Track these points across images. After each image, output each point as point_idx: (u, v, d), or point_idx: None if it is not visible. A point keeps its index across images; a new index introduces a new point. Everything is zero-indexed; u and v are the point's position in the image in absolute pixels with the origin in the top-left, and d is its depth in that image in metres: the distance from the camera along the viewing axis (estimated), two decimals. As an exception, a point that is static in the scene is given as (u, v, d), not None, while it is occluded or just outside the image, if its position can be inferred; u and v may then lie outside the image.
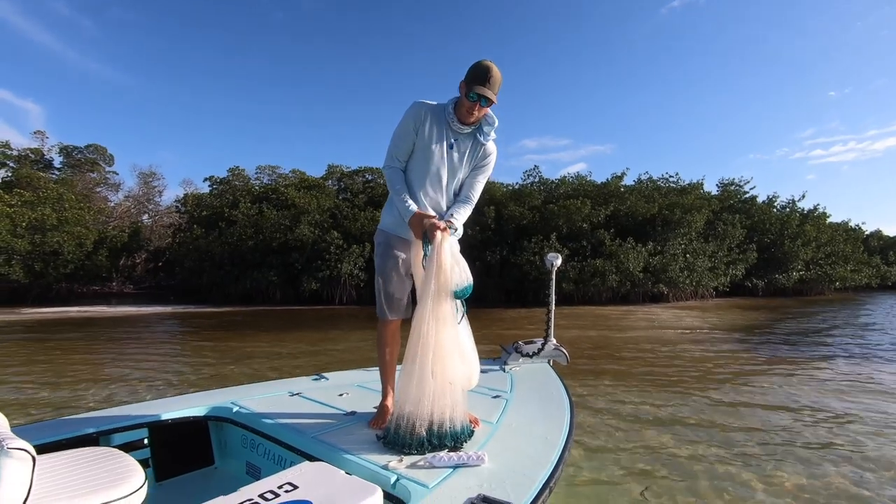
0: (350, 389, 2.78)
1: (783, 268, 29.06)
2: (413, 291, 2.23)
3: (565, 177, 28.18)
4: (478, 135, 2.16)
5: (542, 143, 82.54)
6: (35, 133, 40.34)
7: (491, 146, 2.22)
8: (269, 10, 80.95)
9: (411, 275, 2.22)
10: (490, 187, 24.32)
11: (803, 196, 34.04)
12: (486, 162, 2.23)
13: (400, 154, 2.16)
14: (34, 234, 22.51)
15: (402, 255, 2.21)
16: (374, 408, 2.33)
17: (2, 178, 31.54)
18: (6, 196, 22.86)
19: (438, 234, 1.93)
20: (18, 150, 36.05)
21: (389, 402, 2.25)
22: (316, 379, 3.06)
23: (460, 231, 2.19)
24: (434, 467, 1.69)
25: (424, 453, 1.81)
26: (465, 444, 1.89)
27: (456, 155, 2.14)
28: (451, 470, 1.67)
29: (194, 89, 77.80)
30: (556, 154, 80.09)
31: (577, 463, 3.44)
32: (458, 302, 1.99)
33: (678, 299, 24.49)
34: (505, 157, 72.60)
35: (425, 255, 2.02)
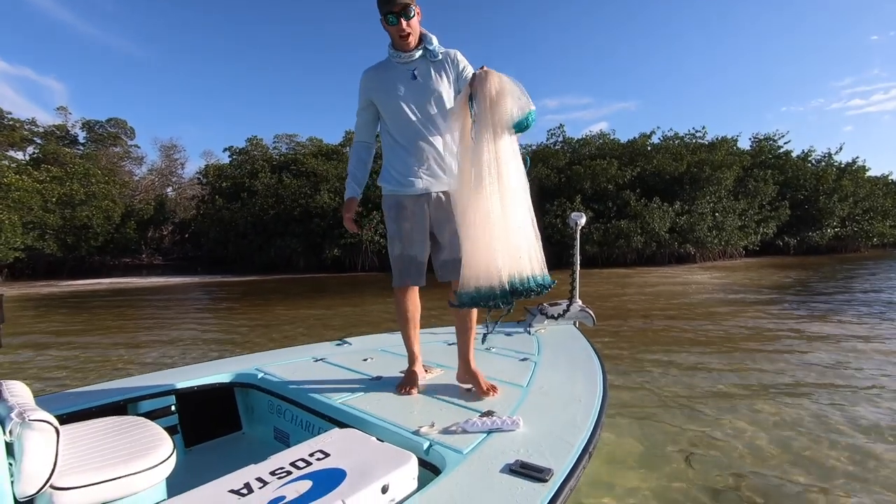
0: (374, 354, 2.72)
1: (817, 225, 27.95)
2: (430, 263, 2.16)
3: (588, 136, 27.36)
4: (427, 56, 2.03)
5: (563, 103, 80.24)
6: (58, 109, 40.97)
7: (450, 52, 2.07)
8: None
9: (430, 235, 2.11)
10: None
11: (840, 148, 32.44)
12: (458, 59, 2.07)
13: (361, 128, 2.17)
14: (64, 208, 23.15)
15: (415, 214, 2.08)
16: (401, 372, 2.25)
17: (29, 155, 32.31)
18: (35, 172, 23.42)
19: (479, 73, 1.73)
20: (44, 127, 36.81)
21: (418, 367, 2.18)
22: (339, 344, 3.02)
23: None
24: (467, 432, 1.60)
25: (510, 303, 1.72)
26: (546, 290, 1.77)
27: (421, 80, 2.01)
28: (486, 435, 1.59)
29: (210, 60, 77.34)
30: (578, 113, 77.70)
31: (613, 427, 3.35)
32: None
33: (705, 259, 23.91)
34: None
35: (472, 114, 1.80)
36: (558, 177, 23.33)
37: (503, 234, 1.70)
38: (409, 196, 2.08)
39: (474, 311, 2.11)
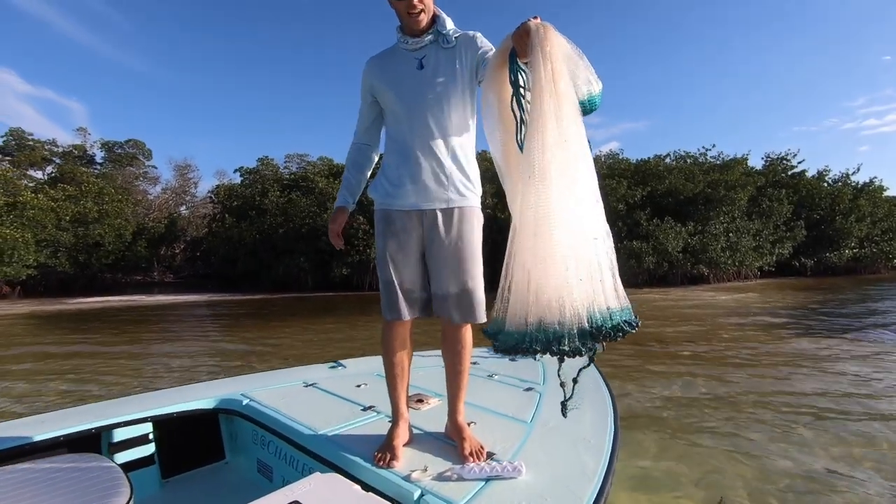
0: (369, 380, 2.54)
1: (834, 245, 27.37)
2: (428, 284, 1.75)
3: (598, 156, 27.29)
4: (440, 42, 1.68)
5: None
6: (78, 130, 42.10)
7: (469, 33, 1.71)
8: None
9: (422, 257, 1.73)
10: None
11: (857, 169, 32.00)
12: (479, 42, 1.69)
13: (360, 126, 1.87)
14: (77, 226, 23.48)
15: (405, 232, 1.71)
16: (388, 419, 1.95)
17: (48, 174, 33.02)
18: (51, 191, 23.86)
19: (534, 25, 1.28)
20: (63, 147, 37.70)
21: (402, 428, 1.71)
22: (332, 367, 2.85)
23: None
24: (463, 479, 1.41)
25: (592, 349, 1.21)
26: (634, 329, 1.28)
27: (429, 71, 1.67)
28: (484, 483, 1.39)
29: (226, 80, 79.27)
30: (588, 132, 77.96)
31: (626, 468, 3.10)
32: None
33: (719, 280, 23.43)
34: None
35: (519, 86, 1.38)
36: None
37: (579, 248, 1.24)
38: (398, 211, 1.73)
39: (469, 349, 1.76)
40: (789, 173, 29.39)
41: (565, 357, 1.22)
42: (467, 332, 1.75)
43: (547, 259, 1.22)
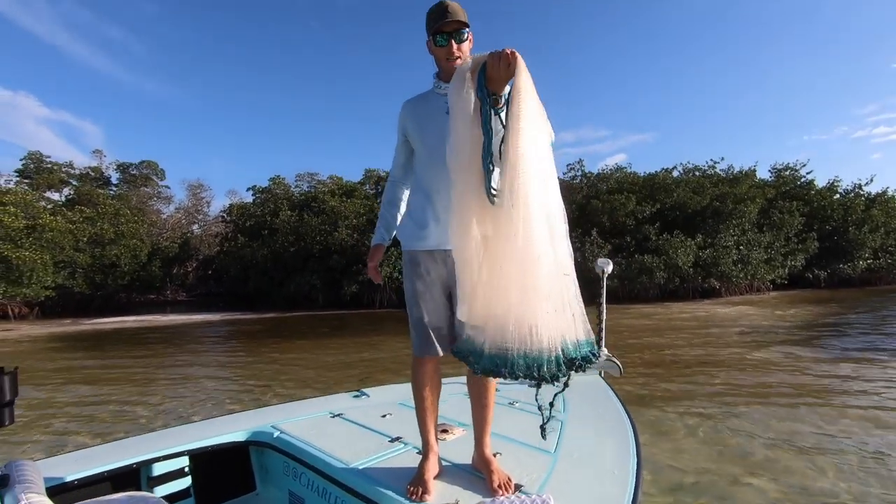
0: (393, 409, 2.62)
1: (848, 257, 27.02)
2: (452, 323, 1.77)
3: (606, 170, 27.39)
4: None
5: (580, 136, 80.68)
6: (94, 152, 42.87)
7: None
8: (306, 20, 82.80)
9: (449, 296, 1.79)
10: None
11: (871, 179, 31.70)
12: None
13: (395, 165, 1.94)
14: (94, 247, 23.91)
15: (430, 273, 1.79)
16: (417, 452, 2.04)
17: (65, 196, 33.72)
18: (69, 213, 24.36)
19: (510, 52, 1.30)
20: (80, 169, 38.52)
21: (432, 463, 1.77)
22: (356, 396, 2.93)
23: None
24: (492, 512, 1.49)
25: (561, 371, 1.28)
26: (594, 361, 1.34)
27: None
28: (512, 516, 1.46)
29: (238, 102, 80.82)
30: (595, 146, 77.85)
31: (650, 500, 3.13)
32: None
33: (732, 294, 23.21)
34: None
35: (488, 105, 1.36)
36: (574, 212, 23.25)
37: (555, 282, 1.28)
38: (423, 252, 1.80)
39: (494, 383, 1.85)
40: (799, 183, 29.21)
41: (542, 383, 1.31)
42: None
43: (530, 291, 1.27)
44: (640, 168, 36.16)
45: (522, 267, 1.27)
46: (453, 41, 1.64)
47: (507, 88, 1.36)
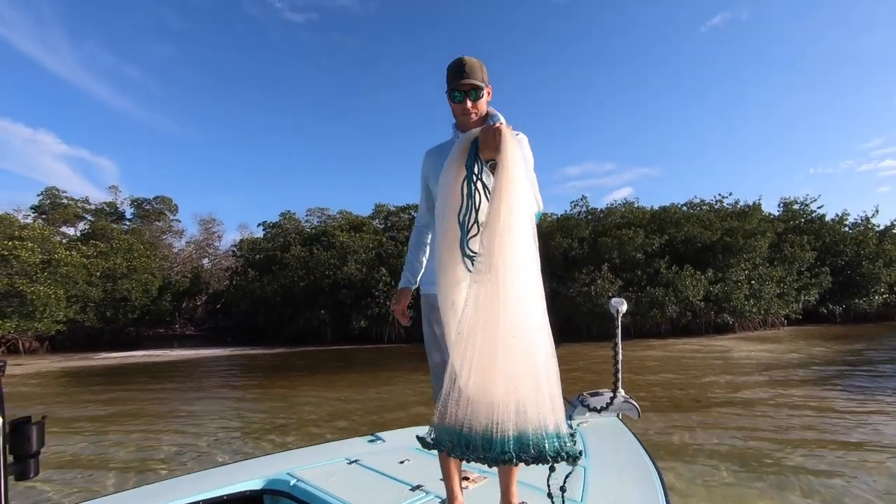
0: (410, 454, 2.59)
1: (863, 291, 26.58)
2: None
3: (613, 205, 27.50)
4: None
5: (585, 169, 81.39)
6: (110, 188, 44.13)
7: (516, 135, 1.75)
8: (315, 57, 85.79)
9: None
10: (550, 223, 23.87)
11: (876, 211, 31.53)
12: (524, 150, 1.75)
13: (421, 210, 1.98)
14: (106, 282, 24.16)
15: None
16: (440, 480, 2.10)
17: (80, 231, 34.41)
18: (83, 248, 24.78)
19: (502, 128, 1.41)
20: (95, 205, 39.43)
21: None
22: (372, 441, 2.90)
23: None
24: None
25: (491, 457, 1.24)
26: (562, 460, 1.27)
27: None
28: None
29: (250, 139, 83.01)
30: (601, 180, 78.35)
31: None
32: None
33: (745, 329, 22.81)
34: (547, 185, 71.65)
35: (473, 175, 1.46)
36: (582, 247, 23.27)
37: (542, 365, 1.26)
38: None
39: None
40: (808, 218, 29.10)
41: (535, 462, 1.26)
42: None
43: (520, 376, 1.26)
44: (646, 202, 36.35)
45: (490, 335, 1.27)
46: (468, 98, 1.71)
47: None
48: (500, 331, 1.25)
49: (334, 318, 23.55)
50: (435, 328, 1.83)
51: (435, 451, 2.22)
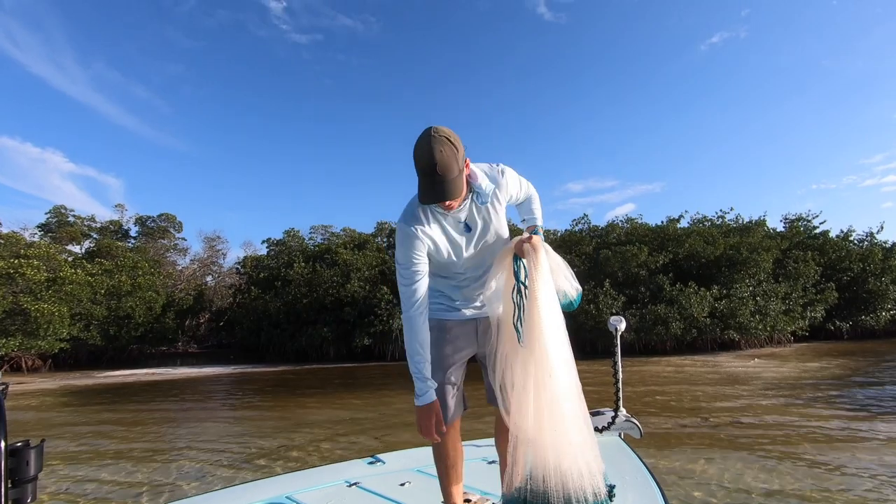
0: (411, 477, 2.57)
1: (870, 308, 26.34)
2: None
3: (615, 222, 27.55)
4: (477, 200, 1.73)
5: (588, 186, 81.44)
6: (116, 206, 44.39)
7: (500, 182, 1.78)
8: (320, 77, 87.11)
9: (472, 358, 1.93)
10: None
11: (881, 227, 31.42)
12: (510, 188, 1.82)
13: (413, 292, 1.69)
14: (110, 299, 24.20)
15: (459, 338, 1.87)
16: (442, 503, 2.09)
17: (86, 249, 34.64)
18: (88, 266, 24.90)
19: (529, 247, 1.71)
20: (101, 223, 39.77)
21: None
22: (371, 462, 2.87)
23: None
24: None
25: None
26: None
27: (477, 231, 1.78)
28: None
29: (253, 154, 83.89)
30: (603, 196, 78.32)
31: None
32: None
33: (751, 346, 22.59)
34: (549, 201, 71.83)
35: (519, 282, 1.75)
36: (584, 263, 23.23)
37: (555, 423, 1.59)
38: (454, 320, 1.87)
39: None
40: (812, 233, 29.05)
41: None
42: None
43: (563, 444, 1.59)
44: (649, 218, 36.44)
45: (539, 411, 1.62)
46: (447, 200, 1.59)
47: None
48: (544, 403, 1.61)
49: (337, 335, 23.48)
50: (446, 349, 1.84)
51: (436, 474, 2.25)
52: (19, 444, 1.04)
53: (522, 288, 1.74)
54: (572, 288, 1.83)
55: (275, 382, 15.67)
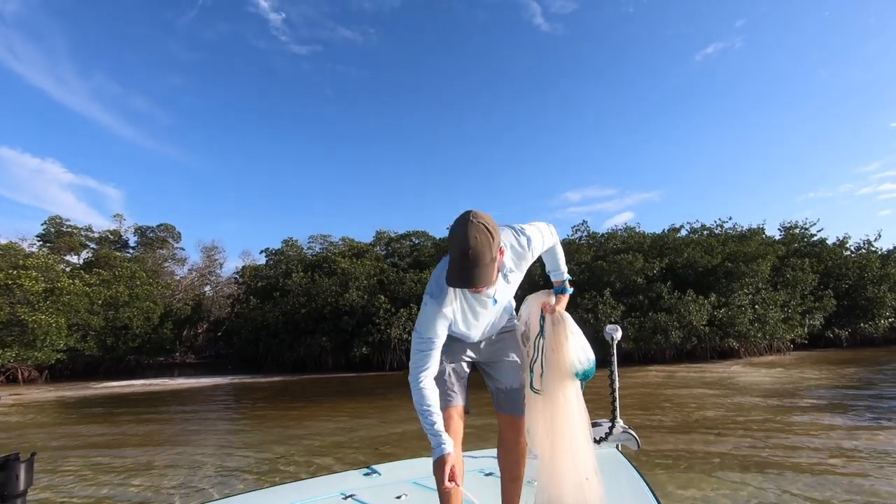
0: (407, 488, 2.55)
1: (868, 315, 26.34)
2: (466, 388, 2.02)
3: (614, 230, 27.60)
4: (504, 278, 1.80)
5: (586, 195, 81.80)
6: (115, 216, 44.47)
7: (518, 253, 1.82)
8: (320, 88, 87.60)
9: (473, 367, 2.02)
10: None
11: (879, 235, 31.50)
12: (526, 252, 1.83)
13: (432, 363, 1.73)
14: (108, 310, 24.10)
15: (459, 348, 1.95)
16: None
17: (84, 259, 34.59)
18: (86, 276, 24.84)
19: (550, 317, 1.95)
20: (99, 233, 39.78)
21: None
22: (368, 474, 2.85)
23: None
24: None
25: None
26: None
27: (501, 301, 1.85)
28: None
29: (252, 164, 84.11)
30: (602, 205, 78.61)
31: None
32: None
33: (751, 354, 22.54)
34: (548, 209, 72.06)
35: (540, 334, 1.97)
36: (582, 271, 23.23)
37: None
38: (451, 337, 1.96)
39: (525, 452, 1.93)
40: (809, 241, 29.13)
41: None
42: (524, 435, 1.89)
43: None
44: (647, 227, 36.48)
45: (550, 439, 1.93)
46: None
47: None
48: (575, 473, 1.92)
49: (336, 345, 23.39)
50: (446, 366, 1.91)
51: (431, 483, 2.22)
52: (9, 457, 1.02)
53: (542, 340, 1.96)
54: (585, 357, 1.95)
55: (272, 393, 15.58)
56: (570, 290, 2.09)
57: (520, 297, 2.08)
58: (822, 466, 5.16)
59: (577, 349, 1.94)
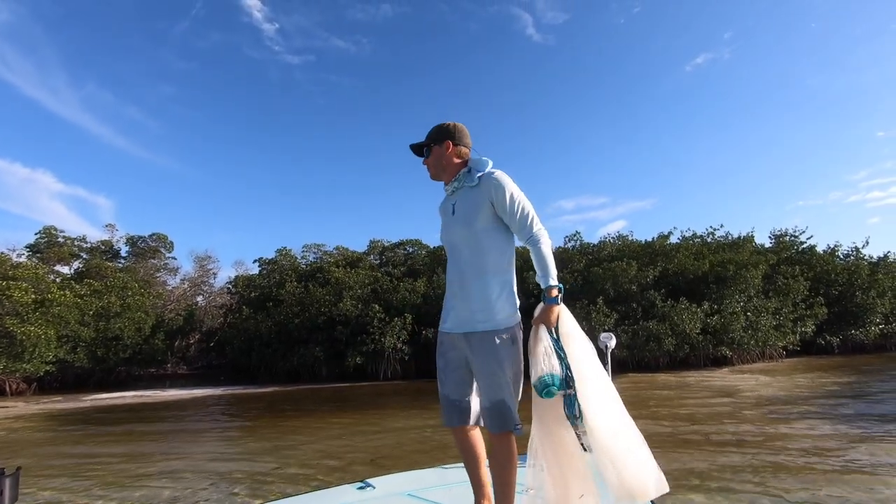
0: (402, 501, 2.55)
1: (859, 322, 26.59)
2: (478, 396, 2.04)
3: (606, 239, 27.75)
4: (465, 182, 2.01)
5: (579, 203, 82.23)
6: (106, 226, 44.03)
7: (492, 176, 1.95)
8: (313, 97, 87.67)
9: (471, 373, 1.98)
10: (525, 252, 23.91)
11: (866, 242, 31.88)
12: (500, 192, 1.91)
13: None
14: (98, 321, 23.81)
15: (450, 351, 1.99)
16: None
17: (75, 269, 34.23)
18: (77, 286, 24.57)
19: (544, 329, 1.96)
20: (91, 243, 39.37)
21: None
22: (362, 488, 2.84)
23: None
24: None
25: None
26: None
27: (460, 215, 1.98)
28: None
29: (246, 174, 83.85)
30: (594, 213, 79.04)
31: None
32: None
33: (744, 361, 22.65)
34: (543, 218, 69.19)
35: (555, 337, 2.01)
36: (576, 279, 23.29)
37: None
38: (446, 333, 2.02)
39: (512, 462, 1.93)
40: (799, 249, 29.42)
41: None
42: (509, 444, 1.90)
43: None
44: (640, 235, 36.68)
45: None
46: (423, 158, 2.13)
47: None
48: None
49: (329, 355, 23.23)
50: (439, 361, 2.03)
51: (427, 496, 2.26)
52: None
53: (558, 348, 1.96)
54: (542, 369, 1.83)
55: (265, 404, 15.44)
56: (553, 299, 1.94)
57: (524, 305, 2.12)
58: (833, 473, 5.19)
59: (540, 358, 1.86)
